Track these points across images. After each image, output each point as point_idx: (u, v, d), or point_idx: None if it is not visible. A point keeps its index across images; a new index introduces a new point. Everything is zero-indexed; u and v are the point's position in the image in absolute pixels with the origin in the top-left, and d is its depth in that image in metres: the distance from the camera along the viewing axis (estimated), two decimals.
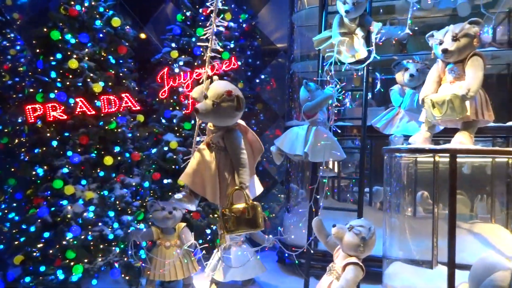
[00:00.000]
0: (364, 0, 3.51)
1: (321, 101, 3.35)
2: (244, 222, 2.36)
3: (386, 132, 3.60)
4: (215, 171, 2.50)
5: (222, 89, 2.42)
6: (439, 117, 2.49)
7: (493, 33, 4.15)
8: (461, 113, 2.41)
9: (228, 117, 2.47)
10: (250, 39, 5.62)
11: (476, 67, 2.49)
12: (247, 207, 2.34)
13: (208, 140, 2.58)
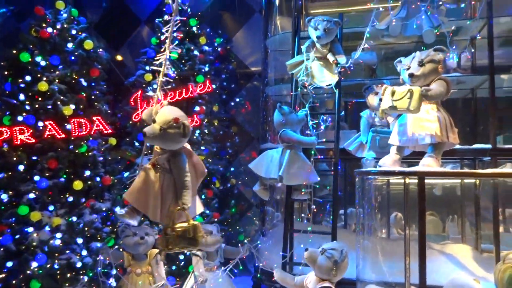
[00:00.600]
0: (335, 27, 3.62)
1: (304, 143, 3.41)
2: (185, 240, 2.53)
3: (358, 155, 3.66)
4: (158, 190, 2.60)
5: (170, 116, 2.51)
6: (395, 103, 2.60)
7: (457, 59, 4.34)
8: (415, 106, 2.55)
9: (174, 142, 2.57)
10: (225, 62, 5.68)
11: (440, 84, 2.70)
12: (189, 227, 2.51)
13: (154, 160, 2.68)
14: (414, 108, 2.56)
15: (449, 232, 4.53)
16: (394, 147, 2.78)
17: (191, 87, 4.67)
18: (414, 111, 2.58)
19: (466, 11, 4.14)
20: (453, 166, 4.40)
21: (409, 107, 2.57)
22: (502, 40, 4.23)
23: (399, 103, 2.60)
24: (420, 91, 2.57)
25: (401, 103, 2.59)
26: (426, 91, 2.58)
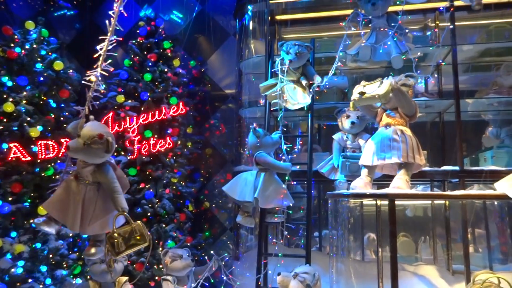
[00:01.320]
0: (306, 51, 3.70)
1: (279, 168, 3.40)
2: (133, 241, 2.58)
3: (331, 177, 3.67)
4: (79, 202, 2.66)
5: (95, 132, 2.58)
6: (364, 89, 2.72)
7: (425, 84, 4.50)
8: (383, 90, 2.65)
9: (97, 157, 2.64)
10: (199, 85, 5.68)
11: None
12: (134, 227, 2.58)
13: (76, 172, 2.73)
14: (383, 94, 2.65)
15: (421, 253, 4.58)
16: (365, 170, 2.81)
17: (164, 109, 4.63)
18: (381, 96, 2.67)
19: (432, 38, 4.32)
20: (424, 187, 4.49)
21: (377, 92, 2.66)
22: (466, 67, 4.42)
23: (368, 88, 2.68)
24: (390, 83, 2.69)
25: (369, 88, 2.68)
26: (396, 84, 2.69)
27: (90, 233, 2.82)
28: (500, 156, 3.67)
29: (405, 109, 2.81)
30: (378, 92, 2.67)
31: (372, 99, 2.76)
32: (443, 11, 3.90)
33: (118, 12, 2.86)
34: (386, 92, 2.65)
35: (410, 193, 2.47)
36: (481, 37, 4.15)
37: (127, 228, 2.60)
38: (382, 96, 2.66)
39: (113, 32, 2.86)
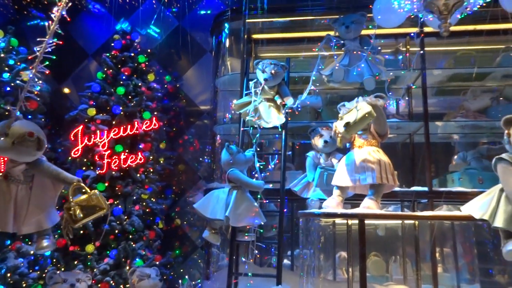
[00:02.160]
0: (282, 70, 3.74)
1: (251, 185, 3.38)
2: (90, 208, 2.63)
3: (304, 195, 3.67)
4: (9, 201, 2.67)
5: (24, 130, 2.58)
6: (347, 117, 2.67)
7: (396, 106, 4.61)
8: (370, 112, 2.64)
9: (28, 156, 2.65)
10: (174, 100, 5.63)
11: None
12: (90, 195, 2.63)
13: (6, 172, 2.70)
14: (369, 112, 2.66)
15: (392, 273, 4.60)
16: (338, 189, 2.82)
17: (136, 124, 4.55)
18: (370, 115, 2.67)
19: (403, 62, 4.45)
20: (395, 207, 4.55)
21: (363, 113, 2.66)
22: (435, 90, 4.56)
23: (348, 117, 2.68)
24: (366, 101, 2.72)
25: (349, 116, 2.68)
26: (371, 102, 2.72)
27: (26, 232, 2.80)
28: (467, 178, 3.77)
29: (380, 126, 2.84)
30: (364, 110, 2.66)
31: (362, 120, 2.71)
32: (413, 37, 4.05)
33: (59, 16, 2.88)
34: (370, 110, 2.66)
35: (380, 213, 2.49)
36: (449, 63, 4.31)
37: (83, 197, 2.64)
38: (369, 113, 2.66)
39: (52, 35, 2.86)
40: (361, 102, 2.68)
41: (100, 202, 2.68)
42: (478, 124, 3.96)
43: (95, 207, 2.66)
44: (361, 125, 2.66)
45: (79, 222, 2.66)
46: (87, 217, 2.68)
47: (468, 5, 2.98)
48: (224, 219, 3.22)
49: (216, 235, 3.51)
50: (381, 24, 3.60)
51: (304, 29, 4.56)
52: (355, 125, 2.63)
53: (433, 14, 2.96)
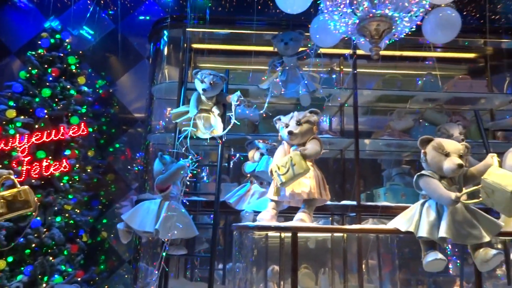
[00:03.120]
0: (221, 81, 3.71)
1: (173, 172, 3.27)
2: (17, 204, 2.47)
3: (238, 207, 3.65)
4: None
5: None
6: (284, 177, 2.64)
7: (329, 122, 4.80)
8: (302, 168, 2.63)
9: None
10: (106, 106, 5.36)
11: (315, 143, 2.88)
12: (19, 191, 2.46)
13: None
14: (303, 169, 2.65)
15: (321, 285, 4.71)
16: (272, 202, 2.84)
17: (62, 129, 4.24)
18: (304, 171, 2.67)
19: (337, 81, 4.66)
20: (325, 220, 4.69)
21: (298, 171, 2.65)
22: (365, 109, 4.83)
23: (287, 174, 2.67)
24: (298, 154, 2.70)
25: (288, 174, 2.67)
26: (303, 151, 2.72)
27: None
28: (391, 193, 4.00)
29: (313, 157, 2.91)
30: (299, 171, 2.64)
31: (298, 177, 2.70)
32: (347, 58, 4.26)
33: None
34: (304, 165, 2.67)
35: (313, 226, 2.54)
36: (378, 84, 4.59)
37: (13, 191, 2.45)
38: (305, 171, 2.67)
39: None
40: (294, 156, 2.68)
41: (28, 199, 2.47)
42: (402, 143, 4.24)
43: (22, 203, 2.45)
44: (296, 179, 2.68)
45: (2, 217, 2.43)
46: (11, 213, 2.44)
47: (395, 32, 3.20)
48: (154, 232, 3.08)
49: (129, 234, 3.34)
50: (317, 43, 3.75)
51: (244, 42, 4.60)
52: (291, 181, 2.66)
53: (365, 38, 3.13)
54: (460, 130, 3.77)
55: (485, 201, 2.23)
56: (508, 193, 2.07)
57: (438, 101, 4.51)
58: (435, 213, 2.37)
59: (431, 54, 4.74)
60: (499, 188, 2.11)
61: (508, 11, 6.07)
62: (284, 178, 2.62)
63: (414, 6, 2.97)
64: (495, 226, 2.34)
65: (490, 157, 2.37)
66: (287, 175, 2.62)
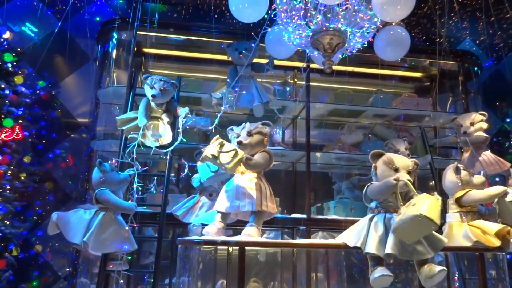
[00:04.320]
0: (172, 88, 3.58)
1: (122, 207, 3.06)
2: None
3: (186, 220, 3.49)
4: None
5: None
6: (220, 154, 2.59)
7: (282, 135, 4.78)
8: (231, 166, 2.57)
9: None
10: (47, 109, 4.99)
11: (262, 156, 2.84)
12: None
13: None
14: (230, 167, 2.59)
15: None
16: (219, 215, 2.73)
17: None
18: (228, 169, 2.61)
19: (291, 93, 4.67)
20: (276, 233, 4.64)
21: (227, 164, 2.58)
22: (318, 123, 4.87)
23: (222, 156, 2.60)
24: (243, 156, 2.63)
25: (223, 157, 2.59)
26: (247, 159, 2.66)
27: None
28: (341, 206, 4.03)
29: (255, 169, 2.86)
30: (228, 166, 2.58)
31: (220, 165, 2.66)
32: (301, 70, 4.28)
33: None
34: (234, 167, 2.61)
35: (261, 241, 2.45)
36: (330, 98, 4.65)
37: None
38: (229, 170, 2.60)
39: None
40: (240, 153, 2.62)
41: None
42: (352, 157, 4.30)
43: None
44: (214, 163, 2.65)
45: None
46: None
47: (348, 47, 3.24)
48: (81, 244, 2.85)
49: (57, 229, 3.07)
50: (272, 54, 3.73)
51: (198, 49, 4.49)
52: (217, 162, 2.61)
53: (318, 51, 3.14)
54: (406, 146, 3.89)
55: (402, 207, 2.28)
56: (417, 212, 2.11)
57: (387, 117, 4.64)
58: (383, 228, 2.38)
59: (382, 72, 4.88)
60: (418, 205, 2.15)
61: (451, 35, 6.45)
62: (217, 154, 2.56)
63: (366, 23, 3.04)
64: (439, 242, 2.39)
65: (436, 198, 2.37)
66: (221, 156, 2.58)
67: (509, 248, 2.65)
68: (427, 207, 2.12)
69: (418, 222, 2.12)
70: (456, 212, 2.85)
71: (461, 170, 2.88)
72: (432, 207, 2.15)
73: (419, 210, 2.12)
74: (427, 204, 2.14)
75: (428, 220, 2.09)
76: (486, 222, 2.73)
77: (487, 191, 2.75)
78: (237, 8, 3.09)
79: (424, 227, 2.17)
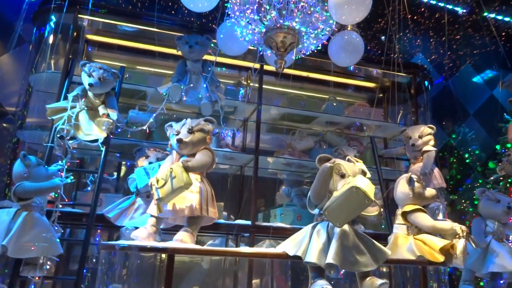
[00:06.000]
0: (112, 78, 3.29)
1: (44, 189, 2.73)
2: None
3: (119, 223, 3.19)
4: None
5: None
6: (161, 191, 2.33)
7: (232, 137, 4.58)
8: (182, 181, 2.33)
9: None
10: None
11: (204, 154, 2.62)
12: None
13: None
14: (185, 183, 2.35)
15: None
16: (152, 218, 2.47)
17: None
18: (185, 185, 2.36)
19: (244, 95, 4.49)
20: (221, 239, 4.42)
21: (179, 183, 2.33)
22: (269, 127, 4.72)
23: (165, 188, 2.35)
24: (180, 165, 2.40)
25: (167, 188, 2.34)
26: (186, 162, 2.43)
27: None
28: (288, 214, 3.89)
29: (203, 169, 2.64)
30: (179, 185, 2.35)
31: (177, 192, 2.40)
32: (252, 70, 4.12)
33: None
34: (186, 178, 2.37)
35: (192, 248, 2.22)
36: (283, 102, 4.53)
37: None
38: (186, 185, 2.37)
39: None
40: (176, 167, 2.39)
41: None
42: (302, 163, 4.19)
43: None
44: (175, 195, 2.38)
45: None
46: None
47: (302, 48, 3.12)
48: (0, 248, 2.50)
49: (35, 266, 2.73)
50: (224, 51, 3.54)
51: (146, 41, 4.21)
52: (170, 196, 2.35)
53: (271, 50, 3.00)
54: (355, 154, 3.83)
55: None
56: (351, 186, 2.07)
57: (339, 125, 4.58)
58: (325, 237, 2.23)
59: (336, 79, 4.84)
60: (352, 182, 2.11)
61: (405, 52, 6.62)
62: (162, 193, 2.29)
63: (321, 24, 2.93)
64: (382, 254, 2.28)
65: None
66: (165, 189, 2.30)
67: (451, 263, 2.59)
68: (361, 181, 2.07)
69: (351, 196, 2.04)
70: (403, 224, 2.78)
71: (415, 181, 2.81)
72: (367, 184, 2.09)
73: (354, 183, 2.06)
74: (361, 179, 2.10)
75: (362, 193, 2.01)
76: (431, 237, 2.66)
77: (435, 224, 2.66)
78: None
79: (358, 202, 2.08)
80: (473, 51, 6.59)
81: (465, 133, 6.59)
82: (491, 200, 3.25)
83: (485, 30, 6.16)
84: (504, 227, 3.25)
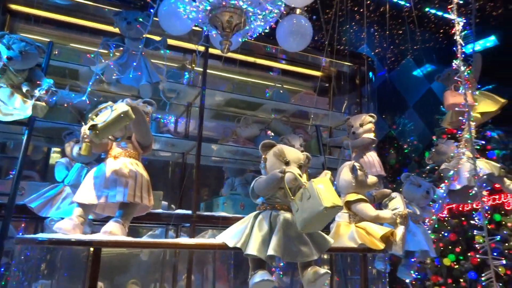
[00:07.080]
0: (36, 52, 2.95)
1: None
2: None
3: (43, 214, 2.88)
4: None
5: None
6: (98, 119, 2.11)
7: (174, 122, 4.36)
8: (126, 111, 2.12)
9: None
10: None
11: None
12: None
13: None
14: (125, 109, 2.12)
15: None
16: (79, 209, 2.22)
17: None
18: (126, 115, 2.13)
19: (188, 80, 4.26)
20: (162, 230, 4.22)
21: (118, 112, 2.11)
22: (214, 113, 4.55)
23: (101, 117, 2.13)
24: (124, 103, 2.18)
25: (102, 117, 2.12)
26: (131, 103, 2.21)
27: None
28: (231, 203, 3.76)
29: (142, 135, 2.39)
30: (120, 110, 2.11)
31: (116, 122, 2.12)
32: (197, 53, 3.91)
33: None
34: (128, 110, 2.13)
35: (121, 241, 2.01)
36: (228, 87, 4.37)
37: None
38: (126, 113, 2.10)
39: None
40: (118, 103, 2.19)
41: None
42: (247, 151, 4.08)
43: None
44: (114, 128, 2.13)
45: None
46: None
47: (249, 30, 2.98)
48: None
49: None
50: (166, 30, 3.30)
51: (79, 15, 3.85)
52: (107, 128, 2.09)
53: (216, 30, 2.82)
54: (301, 142, 3.79)
55: (295, 203, 2.07)
56: (321, 207, 1.93)
57: (285, 112, 4.51)
58: (267, 227, 2.13)
59: (282, 66, 4.76)
60: (317, 198, 1.96)
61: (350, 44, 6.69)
62: (98, 123, 2.06)
63: (269, 5, 2.80)
64: (325, 243, 2.22)
65: (324, 174, 2.24)
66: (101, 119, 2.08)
67: (391, 250, 2.62)
68: (325, 196, 1.95)
69: (324, 215, 1.97)
70: (345, 212, 2.77)
71: (357, 169, 2.81)
72: (329, 192, 1.99)
73: (321, 203, 1.93)
74: (323, 192, 1.97)
75: (334, 208, 1.96)
76: (372, 225, 2.68)
77: (377, 213, 2.69)
78: None
79: (332, 214, 2.10)
80: (414, 46, 6.84)
81: (405, 124, 6.85)
82: (413, 184, 3.35)
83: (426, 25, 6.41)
84: (422, 211, 3.36)
